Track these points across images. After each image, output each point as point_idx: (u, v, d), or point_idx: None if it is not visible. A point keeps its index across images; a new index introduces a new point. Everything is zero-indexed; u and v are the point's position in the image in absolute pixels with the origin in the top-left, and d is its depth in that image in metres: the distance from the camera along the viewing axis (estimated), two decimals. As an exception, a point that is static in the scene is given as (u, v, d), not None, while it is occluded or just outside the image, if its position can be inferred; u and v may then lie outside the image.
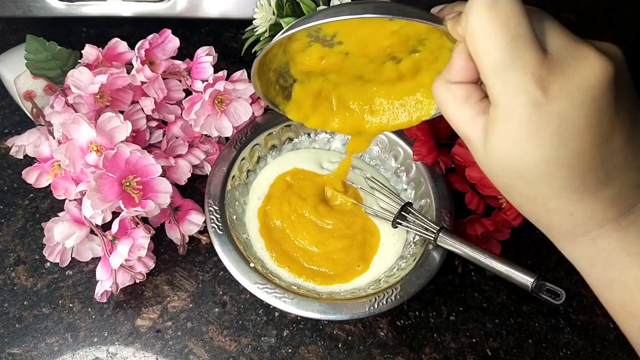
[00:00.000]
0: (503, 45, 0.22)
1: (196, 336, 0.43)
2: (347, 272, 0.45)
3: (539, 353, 0.44)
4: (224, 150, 0.49)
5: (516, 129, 0.23)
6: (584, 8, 0.72)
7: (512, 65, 0.23)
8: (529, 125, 0.23)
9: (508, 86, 0.23)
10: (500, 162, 0.25)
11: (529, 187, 0.25)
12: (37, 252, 0.47)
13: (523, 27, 0.22)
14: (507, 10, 0.22)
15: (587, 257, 0.26)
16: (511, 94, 0.23)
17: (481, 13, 0.23)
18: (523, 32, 0.22)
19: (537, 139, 0.23)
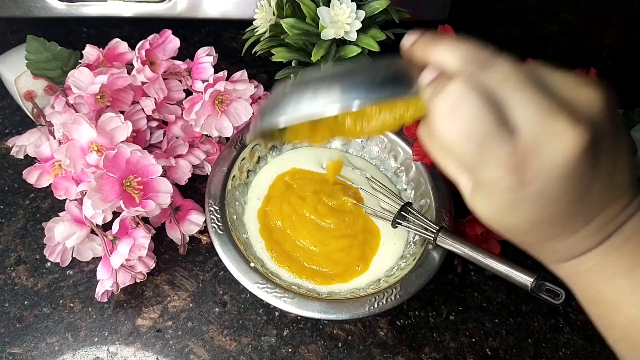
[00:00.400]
0: (472, 150, 0.23)
1: (196, 336, 0.44)
2: (347, 272, 0.45)
3: (538, 353, 0.44)
4: (224, 150, 0.49)
5: (498, 204, 0.25)
6: (584, 8, 0.72)
7: (485, 164, 0.23)
8: (509, 203, 0.24)
9: (486, 178, 0.24)
10: (486, 218, 0.26)
11: (515, 237, 0.27)
12: (38, 251, 0.47)
13: (487, 127, 0.23)
14: (468, 116, 0.23)
15: (571, 278, 0.28)
16: (490, 183, 0.24)
17: (444, 122, 0.24)
18: (488, 132, 0.23)
19: (518, 211, 0.24)
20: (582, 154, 0.22)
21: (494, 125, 0.23)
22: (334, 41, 0.47)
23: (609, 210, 0.25)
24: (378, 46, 0.46)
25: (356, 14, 0.44)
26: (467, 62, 0.24)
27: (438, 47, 0.25)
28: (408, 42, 0.27)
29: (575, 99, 0.23)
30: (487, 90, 0.23)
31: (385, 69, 0.26)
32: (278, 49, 0.48)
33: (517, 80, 0.23)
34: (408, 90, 0.25)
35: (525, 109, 0.23)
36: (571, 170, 0.23)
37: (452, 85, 0.23)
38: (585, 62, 0.65)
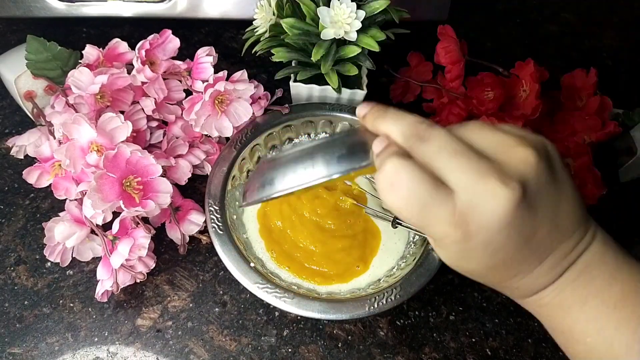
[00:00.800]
0: (415, 215, 0.26)
1: (196, 336, 0.44)
2: (347, 272, 0.45)
3: (538, 353, 0.44)
4: (224, 150, 0.49)
5: (453, 254, 0.27)
6: (584, 8, 0.72)
7: (431, 224, 0.26)
8: (461, 254, 0.27)
9: (435, 235, 0.27)
10: (450, 264, 0.29)
11: (478, 279, 0.29)
12: (38, 252, 0.47)
13: (424, 194, 0.25)
14: (405, 188, 0.26)
15: (535, 311, 0.31)
16: (439, 238, 0.27)
17: (387, 195, 0.27)
18: (426, 198, 0.25)
19: (470, 260, 0.27)
20: (516, 207, 0.25)
21: (432, 190, 0.25)
22: (334, 41, 0.47)
23: (560, 249, 0.27)
24: (378, 46, 0.46)
25: (356, 14, 0.44)
26: (407, 135, 0.27)
27: (384, 120, 0.28)
28: (361, 114, 0.30)
29: (507, 159, 0.26)
30: (424, 161, 0.26)
31: (341, 144, 0.29)
32: (278, 49, 0.48)
33: (450, 149, 0.26)
34: (362, 162, 0.29)
35: (459, 174, 0.25)
36: (509, 222, 0.25)
37: (388, 162, 0.26)
38: (585, 62, 0.65)
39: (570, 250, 0.28)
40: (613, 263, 0.28)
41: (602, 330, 0.28)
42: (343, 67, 0.49)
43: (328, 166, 0.29)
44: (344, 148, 0.29)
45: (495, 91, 0.51)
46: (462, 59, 0.51)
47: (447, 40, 0.51)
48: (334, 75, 0.49)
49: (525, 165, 0.25)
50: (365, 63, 0.49)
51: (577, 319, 0.28)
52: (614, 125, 0.49)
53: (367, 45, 0.46)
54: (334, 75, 0.49)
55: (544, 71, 0.50)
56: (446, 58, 0.51)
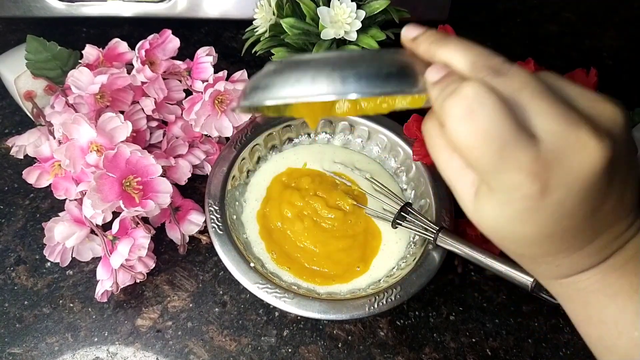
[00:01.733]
0: (490, 154, 0.22)
1: (196, 336, 0.44)
2: (347, 272, 0.45)
3: (538, 353, 0.44)
4: (224, 150, 0.49)
5: (513, 213, 0.23)
6: (584, 8, 0.72)
7: (505, 169, 0.22)
8: (525, 213, 0.23)
9: (504, 183, 0.23)
10: (490, 226, 0.25)
11: (519, 248, 0.26)
12: (38, 252, 0.47)
13: (508, 132, 0.22)
14: (487, 120, 0.22)
15: (568, 295, 0.28)
16: (508, 189, 0.23)
17: (460, 125, 0.23)
18: (509, 137, 0.22)
19: (532, 221, 0.23)
20: (605, 168, 0.22)
21: (515, 130, 0.22)
22: (334, 41, 0.47)
23: (614, 228, 0.25)
24: (378, 46, 0.46)
25: (356, 14, 0.44)
26: (479, 66, 0.23)
27: (446, 46, 0.25)
28: (410, 35, 0.26)
29: (596, 113, 0.23)
30: (504, 96, 0.22)
31: (389, 62, 0.24)
32: (278, 48, 0.48)
33: (534, 89, 0.22)
34: (412, 87, 0.24)
35: (546, 117, 0.22)
36: (592, 184, 0.22)
37: (468, 87, 0.22)
38: (585, 62, 0.65)
39: (622, 232, 0.25)
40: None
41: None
42: (343, 67, 0.49)
43: (372, 83, 0.23)
44: (392, 67, 0.24)
45: (496, 91, 0.51)
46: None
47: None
48: (334, 75, 0.49)
49: (615, 124, 0.23)
50: (365, 63, 0.49)
51: (625, 309, 0.25)
52: (614, 125, 0.49)
53: (367, 45, 0.46)
54: (334, 75, 0.49)
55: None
56: (446, 58, 0.51)
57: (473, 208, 0.25)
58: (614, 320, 0.26)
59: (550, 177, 0.22)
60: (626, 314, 0.25)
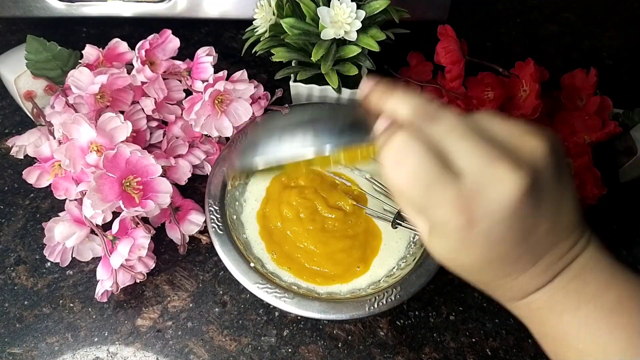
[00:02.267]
0: (420, 194, 0.25)
1: (196, 336, 0.44)
2: (347, 272, 0.45)
3: (538, 353, 0.44)
4: (224, 150, 0.49)
5: (451, 244, 0.26)
6: (584, 8, 0.72)
7: (435, 205, 0.25)
8: (460, 243, 0.25)
9: (437, 219, 0.25)
10: (442, 258, 0.27)
11: (470, 276, 0.28)
12: (38, 252, 0.47)
13: (432, 173, 0.24)
14: (413, 164, 0.25)
15: (525, 316, 0.30)
16: (440, 223, 0.25)
17: (391, 171, 0.26)
18: (433, 178, 0.24)
19: (468, 251, 0.26)
20: (524, 196, 0.24)
21: (439, 170, 0.24)
22: (334, 41, 0.47)
23: (556, 250, 0.27)
24: (378, 46, 0.46)
25: (356, 14, 0.44)
26: (416, 114, 0.26)
27: (391, 98, 0.27)
28: (365, 89, 0.29)
29: (518, 147, 0.25)
30: (432, 141, 0.25)
31: (344, 118, 0.28)
32: (278, 48, 0.48)
33: (461, 131, 0.25)
34: (366, 137, 0.27)
35: (468, 156, 0.24)
36: (515, 211, 0.24)
37: (396, 137, 0.25)
38: (585, 62, 0.65)
39: (565, 252, 0.27)
40: (608, 269, 0.28)
41: (595, 336, 0.27)
42: (343, 67, 0.49)
43: (329, 136, 0.27)
44: (345, 121, 0.27)
45: (495, 91, 0.51)
46: (462, 59, 0.51)
47: (447, 40, 0.51)
48: (334, 75, 0.49)
49: (535, 155, 0.25)
50: (365, 63, 0.49)
51: (570, 324, 0.28)
52: (614, 125, 0.49)
53: (367, 45, 0.46)
54: (334, 75, 0.49)
55: (544, 71, 0.50)
56: (446, 58, 0.51)
57: (428, 245, 0.27)
58: (562, 336, 0.28)
59: (474, 209, 0.24)
60: (571, 329, 0.28)
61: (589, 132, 0.50)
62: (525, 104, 0.49)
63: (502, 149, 0.24)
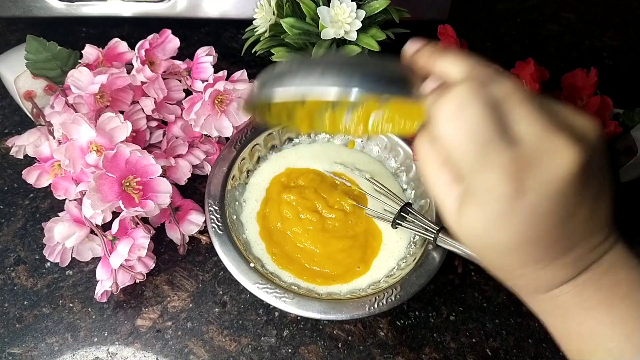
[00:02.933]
0: (474, 151, 0.24)
1: (196, 336, 0.43)
2: (347, 272, 0.45)
3: (538, 353, 0.44)
4: (224, 150, 0.49)
5: (490, 215, 0.24)
6: (584, 8, 0.72)
7: (485, 167, 0.24)
8: (503, 215, 0.24)
9: (483, 182, 0.24)
10: (472, 235, 0.26)
11: (498, 258, 0.27)
12: (37, 252, 0.47)
13: (490, 132, 0.23)
14: (473, 118, 0.24)
15: (548, 311, 0.29)
16: (487, 188, 0.24)
17: (448, 123, 0.24)
18: (491, 137, 0.23)
19: (510, 225, 0.24)
20: (578, 172, 0.23)
21: (497, 131, 0.23)
22: (334, 41, 0.47)
23: (589, 241, 0.26)
24: (378, 46, 0.46)
25: (356, 14, 0.44)
26: (472, 75, 0.25)
27: (444, 58, 0.26)
28: (411, 50, 0.28)
29: (574, 123, 0.24)
30: (492, 100, 0.24)
31: (391, 68, 0.26)
32: (278, 48, 0.48)
33: (521, 96, 0.24)
34: (411, 92, 0.25)
35: (527, 122, 0.24)
36: (566, 187, 0.23)
37: (457, 88, 0.24)
38: (585, 62, 0.65)
39: (596, 245, 0.26)
40: (638, 268, 0.27)
41: (630, 335, 0.26)
42: (343, 67, 0.49)
43: (375, 83, 0.25)
44: (395, 72, 0.26)
45: (496, 91, 0.51)
46: (462, 59, 0.51)
47: (447, 40, 0.51)
48: (334, 75, 0.49)
49: (590, 133, 0.24)
50: (365, 63, 0.49)
51: (602, 322, 0.26)
52: (614, 125, 0.49)
53: (367, 45, 0.46)
54: (334, 75, 0.49)
55: (544, 71, 0.50)
56: (446, 58, 0.51)
57: (456, 218, 0.26)
58: (590, 333, 0.27)
59: (526, 178, 0.23)
60: (602, 326, 0.26)
61: (589, 132, 0.50)
62: (526, 104, 0.49)
63: (562, 122, 0.24)
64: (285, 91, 0.26)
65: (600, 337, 0.27)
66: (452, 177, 0.26)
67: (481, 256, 0.27)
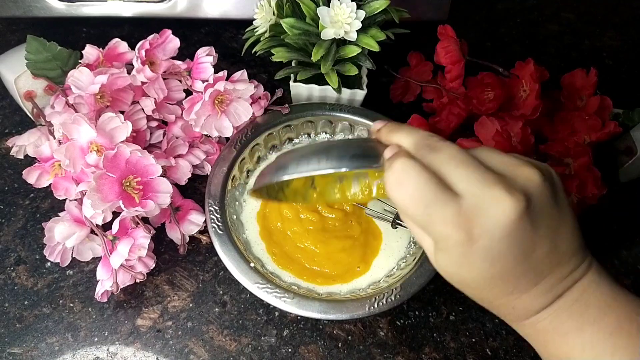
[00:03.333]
0: (420, 212, 0.27)
1: (196, 336, 0.44)
2: (347, 272, 0.45)
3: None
4: (224, 150, 0.49)
5: (455, 259, 0.27)
6: (584, 8, 0.72)
7: (435, 222, 0.27)
8: (464, 258, 0.27)
9: (438, 235, 0.27)
10: (447, 274, 0.29)
11: (474, 292, 0.30)
12: (38, 251, 0.47)
13: (430, 193, 0.27)
14: (412, 185, 0.27)
15: (531, 336, 0.31)
16: (442, 239, 0.27)
17: (394, 191, 0.28)
18: (432, 197, 0.27)
19: (472, 265, 0.27)
20: (519, 218, 0.26)
21: (438, 190, 0.27)
22: (334, 41, 0.47)
23: (557, 272, 0.28)
24: (378, 46, 0.46)
25: (356, 14, 0.44)
26: (419, 145, 0.29)
27: (398, 132, 0.31)
28: (376, 127, 0.33)
29: (514, 175, 0.27)
30: (432, 166, 0.28)
31: (356, 146, 0.32)
32: (278, 48, 0.48)
33: (460, 159, 0.27)
34: (374, 163, 0.30)
35: (466, 180, 0.27)
36: (512, 231, 0.26)
37: (397, 160, 0.28)
38: (585, 62, 0.65)
39: (566, 275, 0.29)
40: (609, 292, 0.29)
41: (598, 358, 0.28)
42: (343, 67, 0.49)
43: (340, 160, 0.30)
44: (358, 149, 0.32)
45: (495, 91, 0.51)
46: (462, 59, 0.51)
47: (447, 40, 0.51)
48: (334, 75, 0.49)
49: (530, 182, 0.27)
50: (365, 63, 0.49)
51: (574, 346, 0.29)
52: (614, 125, 0.49)
53: (367, 45, 0.46)
54: (334, 75, 0.49)
55: (544, 71, 0.50)
56: (446, 58, 0.51)
57: (434, 261, 0.29)
58: (566, 356, 0.29)
59: (473, 227, 0.26)
60: (575, 350, 0.29)
61: (589, 132, 0.50)
62: (525, 104, 0.49)
63: (498, 176, 0.27)
64: (269, 180, 0.33)
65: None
66: (418, 228, 0.29)
67: (462, 291, 0.30)
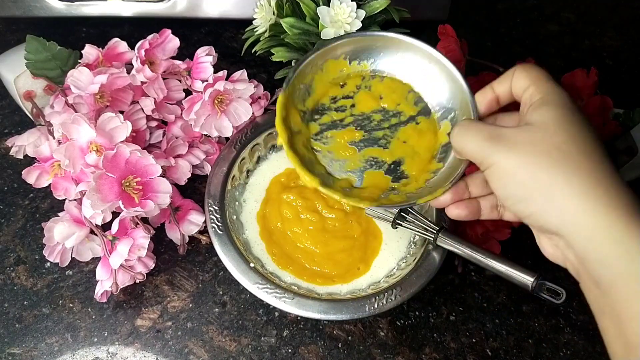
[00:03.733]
0: (479, 143, 0.31)
1: (196, 336, 0.43)
2: (348, 272, 0.45)
3: (539, 353, 0.44)
4: (224, 150, 0.49)
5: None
6: (584, 8, 0.72)
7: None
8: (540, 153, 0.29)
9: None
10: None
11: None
12: (37, 252, 0.47)
13: (482, 129, 0.32)
14: (470, 129, 0.32)
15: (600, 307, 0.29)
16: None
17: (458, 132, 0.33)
18: (487, 134, 0.31)
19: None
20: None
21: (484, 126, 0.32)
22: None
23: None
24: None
25: (356, 14, 0.44)
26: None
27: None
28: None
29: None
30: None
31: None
32: (278, 48, 0.48)
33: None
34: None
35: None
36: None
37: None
38: (585, 62, 0.65)
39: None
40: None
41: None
42: (343, 67, 0.49)
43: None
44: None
45: (496, 91, 0.51)
46: (462, 59, 0.51)
47: (447, 40, 0.51)
48: (334, 75, 0.49)
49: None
50: (365, 63, 0.49)
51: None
52: (615, 125, 0.49)
53: (367, 45, 0.46)
54: (334, 75, 0.49)
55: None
56: (446, 58, 0.51)
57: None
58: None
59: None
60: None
61: (589, 132, 0.50)
62: (526, 103, 0.49)
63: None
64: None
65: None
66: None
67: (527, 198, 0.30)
